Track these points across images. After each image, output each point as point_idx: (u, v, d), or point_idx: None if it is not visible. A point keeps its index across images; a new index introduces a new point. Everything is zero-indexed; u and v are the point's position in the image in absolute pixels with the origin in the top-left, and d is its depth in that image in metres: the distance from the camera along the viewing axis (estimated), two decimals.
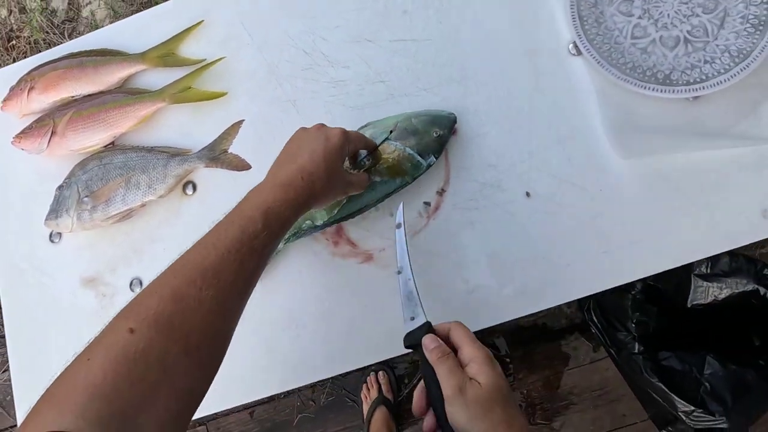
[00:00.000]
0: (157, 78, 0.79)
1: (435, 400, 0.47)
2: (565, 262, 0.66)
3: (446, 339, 0.51)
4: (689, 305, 1.10)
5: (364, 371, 1.51)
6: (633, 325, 1.09)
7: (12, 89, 0.79)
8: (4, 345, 1.72)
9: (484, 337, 1.51)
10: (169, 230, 0.75)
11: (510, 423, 0.46)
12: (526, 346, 1.49)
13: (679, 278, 1.09)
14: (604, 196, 0.66)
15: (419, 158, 0.66)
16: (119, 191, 0.73)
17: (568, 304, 1.51)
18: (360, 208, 0.68)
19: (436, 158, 0.67)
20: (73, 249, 0.77)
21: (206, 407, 0.68)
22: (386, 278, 0.69)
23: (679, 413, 1.02)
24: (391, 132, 0.67)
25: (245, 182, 0.74)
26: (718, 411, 0.99)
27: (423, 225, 0.69)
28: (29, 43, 2.00)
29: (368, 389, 1.48)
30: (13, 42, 2.05)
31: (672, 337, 1.10)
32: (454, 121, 0.68)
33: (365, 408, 1.47)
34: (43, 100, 0.78)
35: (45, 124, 0.75)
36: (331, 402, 1.54)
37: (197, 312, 0.44)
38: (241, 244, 0.48)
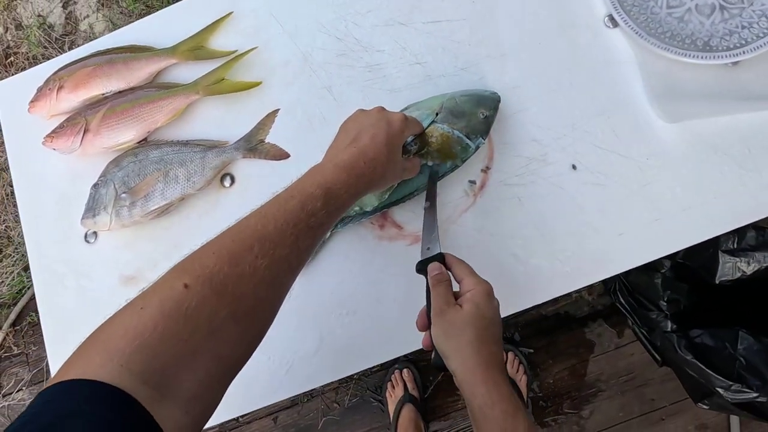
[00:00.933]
0: (189, 72, 0.78)
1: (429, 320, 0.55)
2: (617, 232, 0.65)
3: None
4: (718, 281, 1.10)
5: (387, 370, 1.50)
6: (664, 304, 1.09)
7: (40, 90, 0.77)
8: (18, 364, 1.68)
9: (504, 329, 1.50)
10: (209, 223, 0.73)
11: (478, 347, 0.50)
12: (550, 336, 1.48)
13: (707, 255, 1.09)
14: (651, 165, 0.66)
15: (467, 141, 0.66)
16: (158, 186, 0.71)
17: (590, 291, 1.51)
18: (410, 192, 0.67)
19: (484, 140, 0.67)
20: (111, 248, 0.75)
21: (259, 400, 0.66)
22: None
23: (717, 388, 1.02)
24: (437, 114, 0.67)
25: (284, 172, 0.73)
26: (756, 385, 0.99)
27: (470, 203, 0.69)
28: (27, 59, 1.99)
29: (393, 387, 1.47)
30: (11, 59, 2.02)
31: (703, 314, 1.10)
32: (499, 100, 0.68)
33: (391, 407, 1.45)
34: (72, 99, 0.76)
35: (77, 123, 0.74)
36: (355, 403, 1.52)
37: (251, 279, 0.43)
38: (299, 220, 0.47)
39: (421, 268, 0.60)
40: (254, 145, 0.74)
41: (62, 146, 0.74)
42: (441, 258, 0.59)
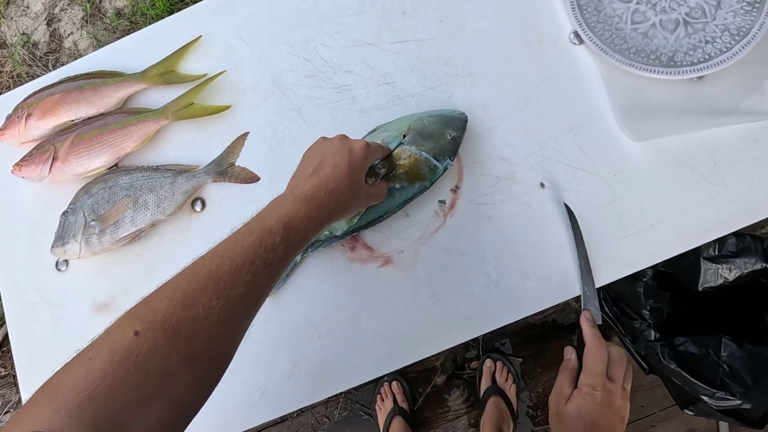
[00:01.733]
0: (158, 96, 0.78)
1: None
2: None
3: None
4: (700, 288, 1.10)
5: (376, 383, 1.49)
6: (647, 312, 1.09)
7: (8, 118, 0.77)
8: (5, 386, 1.67)
9: (493, 338, 1.50)
10: (181, 248, 0.73)
11: None
12: (538, 344, 1.48)
13: (689, 262, 1.09)
14: (619, 181, 0.66)
15: (435, 162, 0.66)
16: (127, 213, 0.71)
17: (576, 299, 1.51)
18: (380, 215, 0.67)
19: (452, 161, 0.67)
20: (82, 276, 0.75)
21: (233, 426, 0.66)
22: (406, 280, 0.68)
23: (701, 396, 1.02)
24: (404, 136, 0.67)
25: (254, 195, 0.73)
26: (739, 392, 0.99)
27: (440, 223, 0.69)
28: (12, 77, 1.98)
29: (382, 400, 1.46)
30: None
31: (686, 321, 1.10)
32: (466, 121, 0.68)
33: (381, 420, 1.44)
34: (41, 126, 0.76)
35: (46, 150, 0.74)
36: (345, 417, 1.52)
37: (205, 321, 0.43)
38: (256, 256, 0.47)
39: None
40: (224, 168, 0.73)
41: (31, 174, 0.74)
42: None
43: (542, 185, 0.67)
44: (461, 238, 0.68)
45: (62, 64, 2.09)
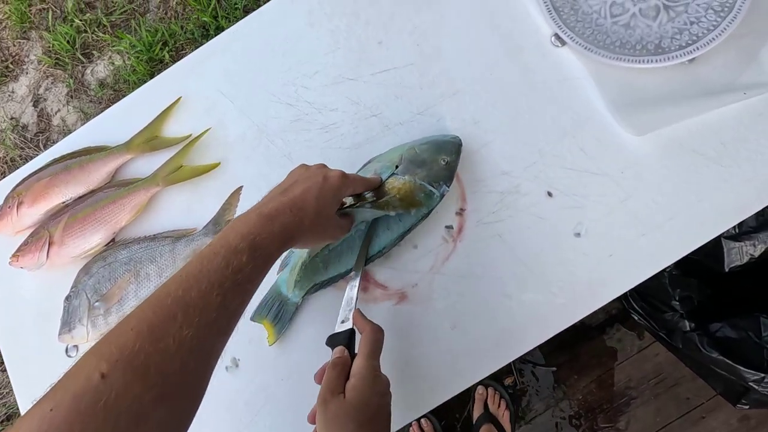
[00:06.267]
0: (146, 164, 0.77)
1: None
2: (606, 254, 0.62)
3: None
4: (727, 269, 1.06)
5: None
6: (677, 303, 1.05)
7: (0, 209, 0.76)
8: None
9: None
10: None
11: None
12: (570, 350, 1.43)
13: (710, 244, 1.05)
14: (627, 178, 0.64)
15: (431, 188, 0.64)
16: (130, 288, 0.69)
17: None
18: (379, 250, 0.65)
19: (448, 187, 0.64)
20: None
21: None
22: (425, 314, 0.65)
23: (750, 383, 0.97)
24: (396, 167, 0.65)
25: None
26: None
27: (451, 249, 0.66)
28: (6, 162, 2.00)
29: None
30: None
31: (718, 305, 1.06)
32: (460, 144, 0.66)
33: None
34: (34, 212, 0.75)
35: (41, 237, 0.72)
36: None
37: (176, 354, 0.39)
38: (224, 278, 0.44)
39: (330, 344, 0.57)
40: (222, 226, 0.72)
41: (29, 263, 0.72)
42: (352, 334, 0.57)
43: (549, 194, 0.65)
44: (475, 262, 0.65)
45: (53, 142, 2.11)
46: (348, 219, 0.62)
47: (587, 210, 0.64)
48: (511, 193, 0.66)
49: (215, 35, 0.80)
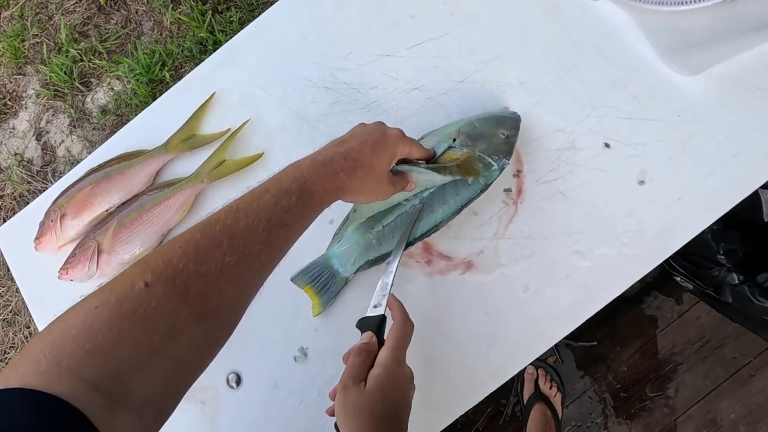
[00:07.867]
0: (187, 164, 0.75)
1: None
2: (674, 198, 0.61)
3: None
4: (767, 219, 1.05)
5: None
6: (722, 257, 1.04)
7: (42, 224, 0.74)
8: None
9: None
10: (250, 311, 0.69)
11: None
12: (609, 322, 1.42)
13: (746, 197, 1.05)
14: (685, 121, 0.63)
15: (489, 159, 0.62)
16: None
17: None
18: (435, 225, 0.64)
19: (508, 161, 0.63)
20: None
21: None
22: (494, 280, 0.64)
23: None
24: (454, 140, 0.64)
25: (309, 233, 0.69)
26: None
27: (513, 212, 0.65)
28: (14, 199, 1.98)
29: None
30: None
31: (763, 257, 1.05)
32: (519, 120, 0.65)
33: None
34: (77, 224, 0.73)
35: (89, 247, 0.70)
36: None
37: (217, 278, 0.40)
38: (272, 215, 0.45)
39: (360, 327, 0.56)
40: None
41: (79, 275, 0.70)
42: (383, 320, 0.56)
43: (606, 145, 0.64)
44: (539, 222, 0.64)
45: (60, 173, 2.09)
46: (401, 178, 0.60)
47: (648, 157, 0.63)
48: (568, 149, 0.65)
49: (214, 50, 0.79)
